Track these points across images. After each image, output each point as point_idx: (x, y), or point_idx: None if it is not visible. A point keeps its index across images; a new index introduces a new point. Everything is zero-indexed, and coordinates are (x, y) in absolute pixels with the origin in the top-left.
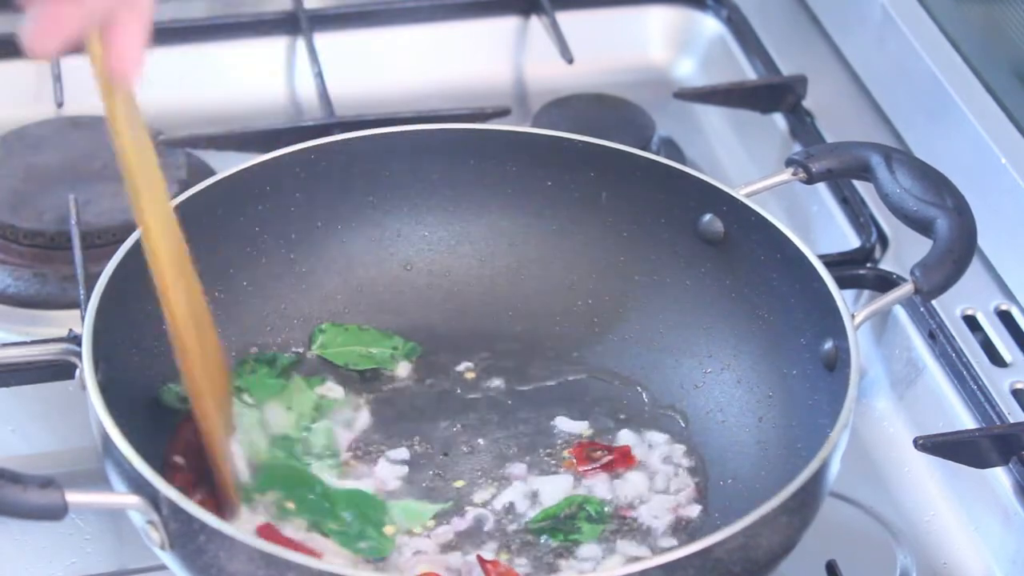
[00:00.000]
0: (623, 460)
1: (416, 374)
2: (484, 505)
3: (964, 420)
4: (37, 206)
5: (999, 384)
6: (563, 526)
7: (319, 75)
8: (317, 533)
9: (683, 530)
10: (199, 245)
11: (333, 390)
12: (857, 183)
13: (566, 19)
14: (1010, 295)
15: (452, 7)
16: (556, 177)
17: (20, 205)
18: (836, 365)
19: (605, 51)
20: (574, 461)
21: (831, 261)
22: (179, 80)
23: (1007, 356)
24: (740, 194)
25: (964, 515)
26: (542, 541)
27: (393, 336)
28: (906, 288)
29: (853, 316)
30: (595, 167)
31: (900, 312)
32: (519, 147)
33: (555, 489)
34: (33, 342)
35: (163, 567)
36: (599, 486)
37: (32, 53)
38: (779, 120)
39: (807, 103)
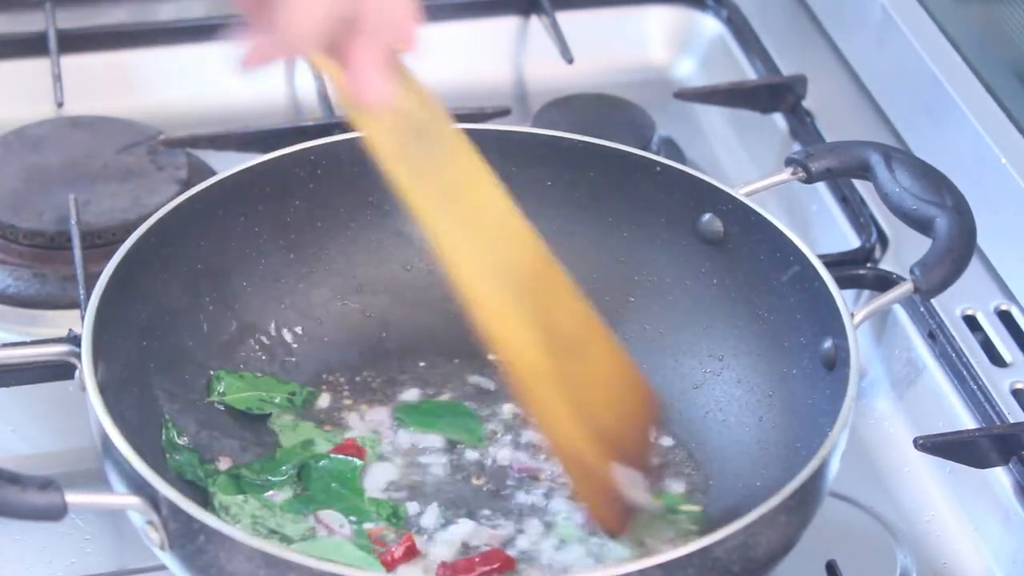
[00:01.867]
0: None
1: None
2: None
3: (964, 420)
4: (37, 206)
5: (999, 384)
6: None
7: (319, 75)
8: None
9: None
10: (199, 245)
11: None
12: (857, 183)
13: (566, 19)
14: (1010, 295)
15: (452, 7)
16: (556, 177)
17: (20, 205)
18: (836, 364)
19: (605, 51)
20: None
21: (831, 261)
22: (179, 80)
23: (1007, 356)
24: (740, 194)
25: (964, 515)
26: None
27: (289, 383)
28: (905, 287)
29: (852, 315)
30: (595, 167)
31: (900, 312)
32: (519, 147)
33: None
34: (33, 342)
35: (163, 567)
36: None
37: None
38: (779, 120)
39: (807, 103)
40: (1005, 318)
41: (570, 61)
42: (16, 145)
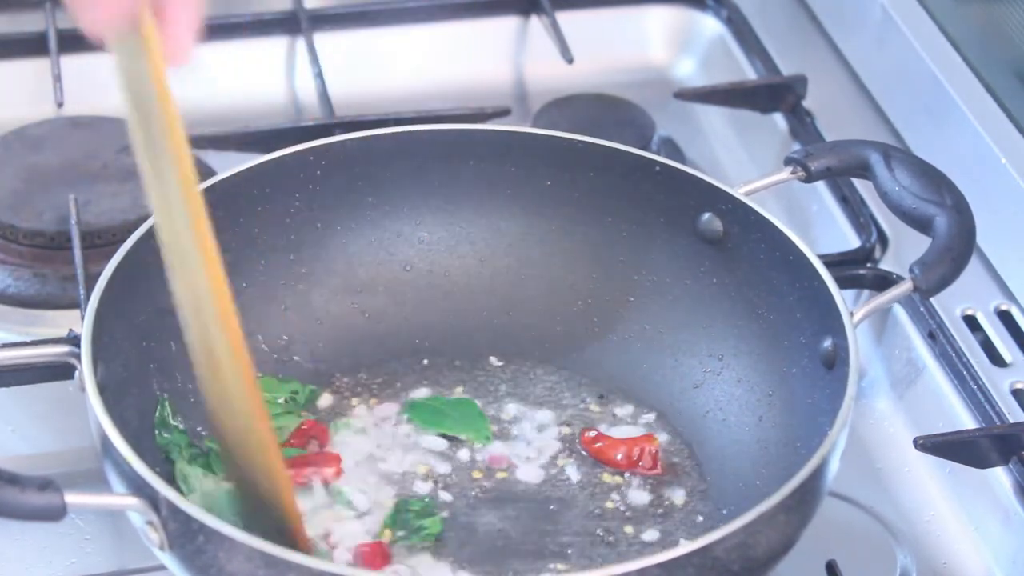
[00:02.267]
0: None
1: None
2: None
3: (964, 420)
4: (37, 206)
5: (999, 384)
6: None
7: (319, 75)
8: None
9: (681, 529)
10: None
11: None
12: (857, 182)
13: (566, 19)
14: (1010, 295)
15: (452, 7)
16: (556, 177)
17: (20, 205)
18: (835, 364)
19: (605, 51)
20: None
21: (831, 261)
22: (179, 80)
23: (1007, 356)
24: (739, 193)
25: (964, 515)
26: None
27: (291, 381)
28: (905, 286)
29: (852, 315)
30: (595, 167)
31: (900, 312)
32: (519, 147)
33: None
34: (33, 342)
35: (163, 567)
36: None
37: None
38: (779, 120)
39: (807, 103)
40: (1005, 318)
41: (570, 61)
42: (16, 145)
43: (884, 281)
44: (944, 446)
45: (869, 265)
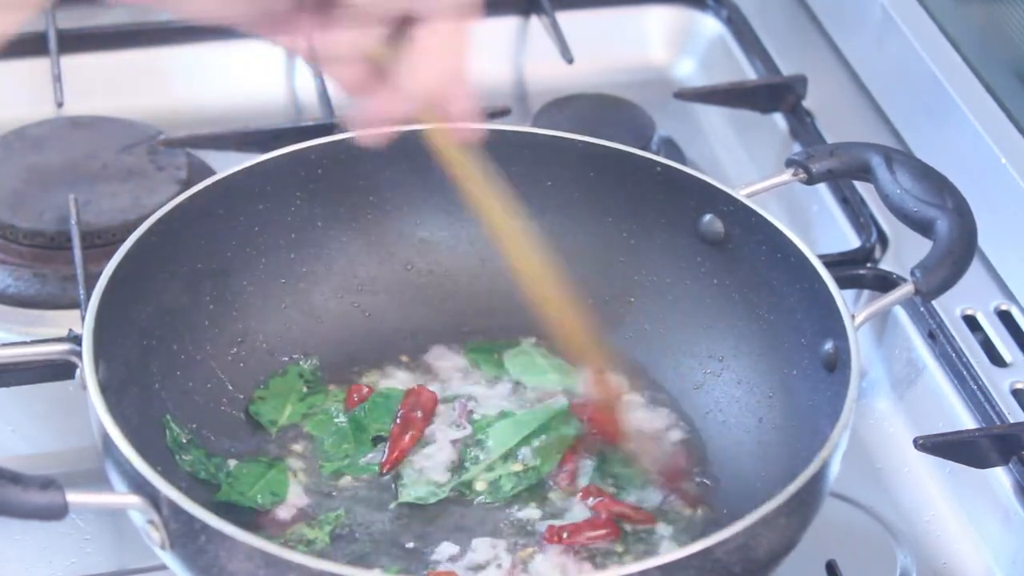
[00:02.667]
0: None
1: (414, 375)
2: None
3: (964, 420)
4: (37, 206)
5: (999, 384)
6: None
7: (319, 75)
8: None
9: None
10: (199, 245)
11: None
12: (857, 183)
13: (566, 19)
14: (1010, 295)
15: None
16: (556, 177)
17: (20, 205)
18: (836, 365)
19: (605, 51)
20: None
21: (831, 261)
22: (179, 80)
23: (1007, 356)
24: (740, 194)
25: (964, 515)
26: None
27: (289, 368)
28: (906, 289)
29: (853, 317)
30: (595, 167)
31: (900, 312)
32: (519, 147)
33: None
34: (33, 342)
35: (163, 567)
36: None
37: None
38: (779, 120)
39: (807, 103)
40: (1005, 318)
41: (570, 61)
42: (16, 145)
43: (884, 281)
44: (944, 446)
45: (869, 265)
